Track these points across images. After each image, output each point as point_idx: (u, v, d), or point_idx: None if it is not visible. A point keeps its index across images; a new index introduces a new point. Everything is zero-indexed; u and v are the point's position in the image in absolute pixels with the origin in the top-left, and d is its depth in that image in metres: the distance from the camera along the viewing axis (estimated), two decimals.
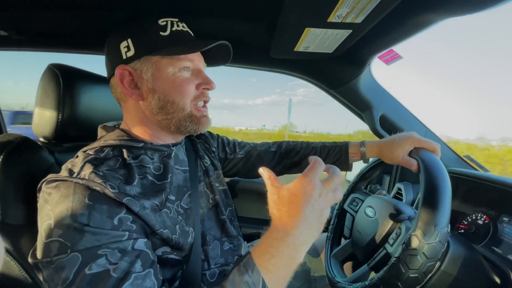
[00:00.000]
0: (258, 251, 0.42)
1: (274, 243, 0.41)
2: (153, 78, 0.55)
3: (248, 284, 0.39)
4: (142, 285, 0.40)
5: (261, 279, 0.40)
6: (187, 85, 0.56)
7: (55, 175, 0.45)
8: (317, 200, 0.42)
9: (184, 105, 0.56)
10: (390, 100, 0.94)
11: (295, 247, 0.41)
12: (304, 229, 0.41)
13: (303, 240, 0.42)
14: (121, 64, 0.55)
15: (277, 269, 0.41)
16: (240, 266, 0.41)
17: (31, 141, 0.61)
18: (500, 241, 0.63)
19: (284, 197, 0.42)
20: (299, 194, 0.42)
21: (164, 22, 0.55)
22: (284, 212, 0.42)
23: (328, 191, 0.44)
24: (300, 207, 0.41)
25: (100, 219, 0.41)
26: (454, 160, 0.91)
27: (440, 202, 0.47)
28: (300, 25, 0.61)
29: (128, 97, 0.57)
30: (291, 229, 0.41)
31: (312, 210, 0.42)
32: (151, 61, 0.54)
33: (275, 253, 0.41)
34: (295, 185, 0.43)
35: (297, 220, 0.41)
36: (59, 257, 0.39)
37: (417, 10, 0.57)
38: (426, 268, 0.46)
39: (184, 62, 0.56)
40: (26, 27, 0.79)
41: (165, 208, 0.52)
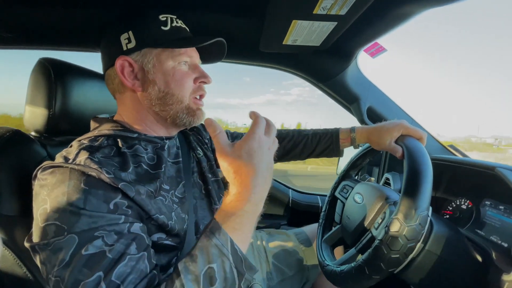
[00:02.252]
0: (223, 214, 0.43)
1: (237, 204, 0.42)
2: (154, 69, 0.56)
3: (217, 246, 0.40)
4: (135, 267, 0.41)
5: (229, 238, 0.41)
6: (186, 78, 0.58)
7: (51, 162, 0.45)
8: (267, 153, 0.45)
9: (183, 97, 0.58)
10: (377, 92, 0.97)
11: (257, 203, 0.43)
12: (261, 184, 0.43)
13: (262, 194, 0.44)
14: (122, 55, 0.56)
15: (243, 226, 0.43)
16: (207, 232, 0.41)
17: (23, 134, 0.62)
18: (483, 224, 0.66)
19: (240, 157, 0.43)
20: (252, 153, 0.43)
21: (164, 17, 0.58)
22: (243, 173, 0.42)
23: (271, 141, 0.47)
24: (255, 165, 0.42)
25: (96, 203, 0.42)
26: (439, 149, 0.95)
27: (421, 187, 0.50)
28: (287, 17, 0.63)
29: (126, 88, 0.58)
30: (251, 188, 0.42)
31: (265, 164, 0.44)
32: (152, 53, 0.56)
33: (240, 213, 0.42)
34: (248, 144, 0.43)
35: (255, 178, 0.42)
36: (56, 239, 0.39)
37: (399, 1, 0.59)
38: (407, 249, 0.48)
39: (183, 57, 0.58)
40: (15, 25, 0.79)
41: (160, 196, 0.53)
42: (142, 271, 0.42)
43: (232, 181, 0.44)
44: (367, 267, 0.51)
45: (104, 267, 0.39)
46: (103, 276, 0.38)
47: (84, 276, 0.38)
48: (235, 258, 0.40)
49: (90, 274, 0.38)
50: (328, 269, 0.61)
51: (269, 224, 1.21)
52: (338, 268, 0.57)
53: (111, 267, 0.39)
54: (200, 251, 0.40)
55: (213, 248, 0.40)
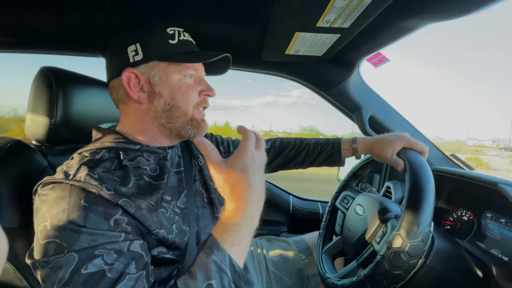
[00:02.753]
0: (220, 231, 0.44)
1: (234, 220, 0.43)
2: (160, 82, 0.57)
3: (216, 263, 0.41)
4: (134, 287, 0.41)
5: (227, 254, 0.42)
6: (192, 91, 0.59)
7: (51, 178, 0.45)
8: (259, 167, 0.46)
9: (187, 109, 0.58)
10: (379, 101, 0.97)
11: (253, 218, 0.45)
12: (256, 198, 0.45)
13: (258, 208, 0.45)
14: (129, 67, 0.56)
15: (240, 241, 0.44)
16: (205, 248, 0.42)
17: (24, 144, 0.61)
18: (484, 236, 0.66)
19: (235, 174, 0.44)
20: (246, 169, 0.44)
21: (172, 31, 0.58)
22: (239, 190, 0.44)
23: (262, 155, 0.48)
24: (250, 180, 0.44)
25: (97, 221, 0.42)
26: (440, 159, 0.95)
27: (423, 203, 0.50)
28: (291, 29, 0.63)
29: (131, 99, 0.58)
30: (247, 203, 0.43)
31: (259, 178, 0.45)
32: (159, 66, 0.57)
33: (237, 229, 0.43)
34: (241, 160, 0.44)
35: (250, 193, 0.43)
36: (56, 257, 0.39)
37: (401, 16, 0.59)
38: (409, 265, 0.48)
39: (190, 70, 0.59)
40: (16, 29, 0.79)
41: (161, 208, 0.53)
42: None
43: (229, 197, 0.45)
44: (369, 282, 0.51)
45: (103, 287, 0.39)
46: None
47: None
48: (233, 273, 0.41)
49: None
50: (329, 282, 0.61)
51: (269, 231, 1.21)
52: (339, 282, 0.57)
53: (110, 286, 0.39)
54: (199, 268, 0.40)
55: (212, 264, 0.40)
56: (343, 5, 0.51)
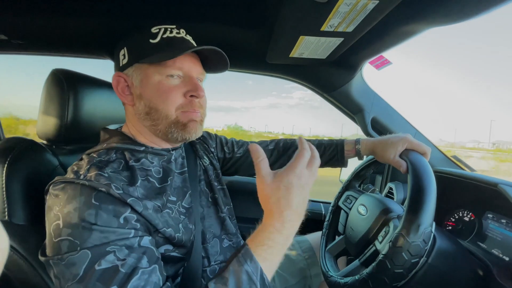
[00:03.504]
0: (256, 242, 0.44)
1: (270, 235, 0.44)
2: (141, 84, 0.57)
3: (248, 273, 0.41)
4: (148, 280, 0.42)
5: (259, 267, 0.42)
6: (172, 92, 0.56)
7: (62, 177, 0.47)
8: (305, 188, 0.46)
9: (168, 112, 0.56)
10: (381, 103, 0.98)
11: (288, 237, 0.45)
12: (294, 219, 0.45)
13: (294, 228, 0.45)
14: (117, 71, 0.59)
15: (273, 257, 0.44)
16: (239, 257, 0.42)
17: (37, 144, 0.63)
18: (485, 237, 0.67)
19: (278, 189, 0.44)
20: (291, 187, 0.44)
21: (156, 29, 0.57)
22: (279, 205, 0.44)
23: (311, 175, 0.47)
24: (292, 199, 0.44)
25: (107, 218, 0.43)
26: (442, 160, 0.95)
27: (424, 204, 0.51)
28: (295, 33, 0.65)
29: (124, 102, 0.61)
30: (285, 222, 0.44)
31: (301, 199, 0.45)
32: (141, 68, 0.57)
33: (271, 244, 0.44)
34: (288, 177, 0.44)
35: (290, 212, 0.44)
36: (70, 254, 0.40)
37: (403, 20, 0.61)
38: (410, 264, 0.49)
39: (171, 70, 0.56)
40: (26, 32, 0.81)
41: (166, 209, 0.54)
42: (155, 283, 0.43)
43: (268, 211, 0.45)
44: (371, 280, 0.52)
45: (118, 281, 0.40)
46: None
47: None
48: (262, 286, 0.41)
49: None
50: (331, 280, 0.62)
51: None
52: (342, 280, 0.59)
53: (125, 281, 0.40)
54: (231, 275, 0.41)
55: (244, 274, 0.41)
56: (347, 10, 0.53)
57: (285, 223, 0.44)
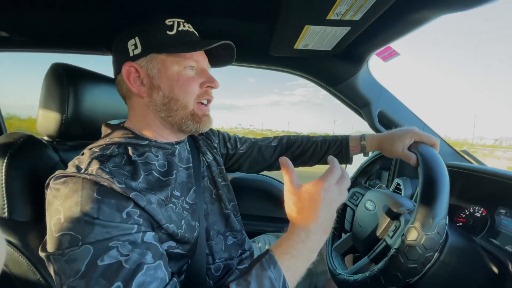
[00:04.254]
0: (281, 250, 0.44)
1: (295, 245, 0.44)
2: (158, 75, 0.56)
3: (270, 279, 0.41)
4: (154, 276, 0.41)
5: (282, 275, 0.42)
6: (191, 83, 0.58)
7: (63, 171, 0.45)
8: (332, 205, 0.46)
9: (187, 102, 0.57)
10: (388, 96, 0.96)
11: (313, 250, 0.45)
12: (321, 232, 0.45)
13: (319, 242, 0.46)
14: (128, 61, 0.56)
15: (296, 268, 0.44)
16: (263, 262, 0.42)
17: (37, 139, 0.62)
18: (497, 233, 0.64)
19: (305, 200, 0.45)
20: (318, 200, 0.44)
21: (171, 22, 0.57)
22: (305, 216, 0.44)
23: (340, 193, 0.48)
24: (319, 212, 0.44)
25: (109, 213, 0.42)
26: (451, 155, 0.93)
27: (438, 195, 0.49)
28: (300, 22, 0.62)
29: (133, 94, 0.58)
30: (310, 233, 0.44)
31: (328, 214, 0.46)
32: (158, 59, 0.56)
33: (296, 254, 0.44)
34: (316, 190, 0.45)
35: (316, 224, 0.44)
36: (71, 249, 0.39)
37: (414, 7, 0.58)
38: (425, 258, 0.47)
39: (189, 61, 0.58)
40: (27, 28, 0.80)
41: (170, 203, 0.53)
42: (162, 279, 0.42)
43: (293, 220, 0.46)
44: (383, 277, 0.50)
45: (122, 277, 0.38)
46: (122, 286, 0.38)
47: (102, 286, 0.38)
48: None
49: (108, 285, 0.38)
50: (340, 278, 0.61)
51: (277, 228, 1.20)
52: (351, 277, 0.57)
53: (129, 277, 0.39)
54: (254, 279, 0.41)
55: (267, 280, 0.41)
56: None
57: (310, 235, 0.44)
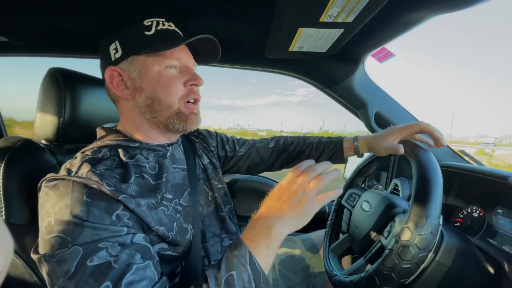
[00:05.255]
0: (246, 231, 0.48)
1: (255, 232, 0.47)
2: (140, 77, 0.56)
3: (237, 256, 0.43)
4: (143, 275, 0.41)
5: (248, 251, 0.44)
6: (174, 82, 0.57)
7: (54, 175, 0.46)
8: (301, 198, 0.48)
9: (171, 102, 0.57)
10: (385, 97, 0.96)
11: (274, 237, 0.46)
12: (283, 224, 0.47)
13: (280, 232, 0.46)
14: (110, 65, 0.57)
15: (257, 240, 0.46)
16: (231, 246, 0.46)
17: (34, 143, 0.63)
18: (495, 233, 0.64)
19: (275, 192, 0.50)
20: (283, 192, 0.49)
21: (149, 22, 0.57)
22: (271, 205, 0.49)
23: (313, 190, 0.49)
24: (284, 202, 0.48)
25: (99, 215, 0.43)
26: (449, 155, 0.93)
27: (431, 195, 0.49)
28: (293, 25, 0.63)
29: (120, 97, 0.59)
30: (271, 224, 0.46)
31: (295, 206, 0.47)
32: (138, 60, 0.56)
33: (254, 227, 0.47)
34: (284, 181, 0.50)
35: (277, 214, 0.47)
36: (61, 251, 0.40)
37: (407, 8, 0.58)
38: (419, 258, 0.47)
39: (170, 60, 0.57)
40: (25, 33, 0.81)
41: (161, 206, 0.53)
42: (151, 278, 0.42)
43: (261, 208, 0.50)
44: (378, 277, 0.50)
45: (111, 277, 0.39)
46: (112, 285, 0.39)
47: (91, 286, 0.38)
48: (253, 270, 0.43)
49: (97, 285, 0.38)
50: (336, 279, 0.60)
51: None
52: (347, 279, 0.57)
53: (119, 276, 0.39)
54: (224, 261, 0.44)
55: (234, 258, 0.43)
56: None
57: (270, 225, 0.47)
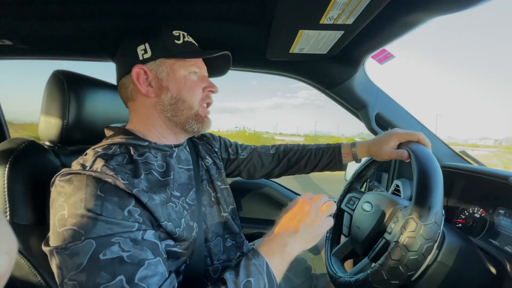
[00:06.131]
0: (262, 244, 0.51)
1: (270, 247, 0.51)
2: (167, 77, 0.61)
3: (255, 265, 0.48)
4: (155, 270, 0.43)
5: (265, 261, 0.48)
6: (196, 86, 0.63)
7: (69, 169, 0.47)
8: (313, 220, 0.52)
9: (193, 104, 0.62)
10: (385, 98, 0.96)
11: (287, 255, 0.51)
12: (295, 243, 0.51)
13: (292, 250, 0.51)
14: (138, 64, 0.60)
15: (274, 266, 0.49)
16: (248, 255, 0.50)
17: (38, 144, 0.64)
18: (497, 233, 0.64)
19: (289, 211, 0.54)
20: (297, 212, 0.53)
21: (177, 33, 0.63)
22: (285, 224, 0.53)
23: (325, 213, 0.54)
24: (298, 222, 0.52)
25: (112, 210, 0.44)
26: (450, 156, 0.93)
27: (432, 186, 0.49)
28: (294, 27, 0.64)
29: (139, 95, 0.62)
30: (286, 242, 0.51)
31: (307, 227, 0.52)
32: (166, 63, 0.61)
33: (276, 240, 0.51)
34: (298, 201, 0.55)
35: (291, 234, 0.51)
36: (74, 244, 0.40)
37: (406, 10, 0.59)
38: (425, 249, 0.47)
39: (193, 68, 0.63)
40: (30, 37, 0.82)
41: (170, 202, 0.55)
42: (162, 274, 0.44)
43: (276, 226, 0.54)
44: (385, 271, 0.49)
45: (125, 271, 0.40)
46: (125, 280, 0.39)
47: (104, 280, 0.39)
48: (269, 279, 0.47)
49: (110, 278, 0.39)
50: (341, 281, 0.60)
51: None
52: (352, 278, 0.56)
53: (132, 271, 0.40)
54: (242, 268, 0.48)
55: (252, 266, 0.48)
56: (346, 1, 0.52)
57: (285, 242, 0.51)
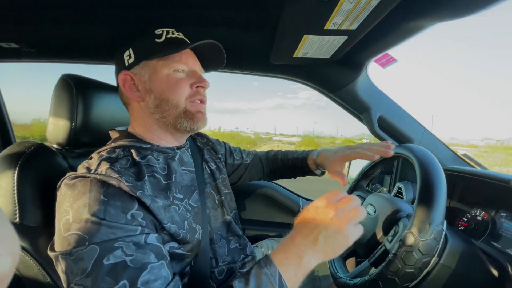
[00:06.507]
0: (276, 252, 0.47)
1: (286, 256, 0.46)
2: (150, 79, 0.60)
3: (267, 275, 0.44)
4: (158, 274, 0.43)
5: (278, 271, 0.44)
6: (181, 84, 0.61)
7: (74, 173, 0.48)
8: (336, 231, 0.45)
9: (178, 102, 0.60)
10: (388, 101, 0.97)
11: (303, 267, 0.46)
12: (313, 255, 0.45)
13: (309, 263, 0.45)
14: (123, 70, 0.61)
15: (288, 279, 0.45)
16: (260, 262, 0.46)
17: (47, 147, 0.65)
18: (499, 236, 0.65)
19: (310, 215, 0.47)
20: (318, 219, 0.46)
21: (160, 31, 0.62)
22: (305, 233, 0.46)
23: (352, 221, 0.47)
24: (319, 232, 0.45)
25: (115, 214, 0.44)
26: (452, 158, 0.93)
27: (435, 201, 0.49)
28: (299, 33, 0.65)
29: (131, 100, 0.63)
30: (303, 253, 0.45)
31: (328, 240, 0.45)
32: (149, 65, 0.60)
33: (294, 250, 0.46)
34: (321, 203, 0.48)
35: (309, 244, 0.45)
36: (78, 249, 0.41)
37: (409, 16, 0.60)
38: (422, 263, 0.48)
39: (178, 64, 0.61)
40: (36, 40, 0.84)
41: (173, 205, 0.55)
42: (165, 277, 0.44)
43: (293, 231, 0.48)
44: (381, 281, 0.51)
45: (128, 276, 0.40)
46: (128, 284, 0.40)
47: (108, 284, 0.40)
48: None
49: (114, 283, 0.40)
50: (341, 282, 0.61)
51: (279, 233, 1.21)
52: (351, 281, 0.57)
53: (135, 275, 0.41)
54: (253, 276, 0.44)
55: (264, 275, 0.44)
56: (350, 8, 0.53)
57: (300, 252, 0.45)
